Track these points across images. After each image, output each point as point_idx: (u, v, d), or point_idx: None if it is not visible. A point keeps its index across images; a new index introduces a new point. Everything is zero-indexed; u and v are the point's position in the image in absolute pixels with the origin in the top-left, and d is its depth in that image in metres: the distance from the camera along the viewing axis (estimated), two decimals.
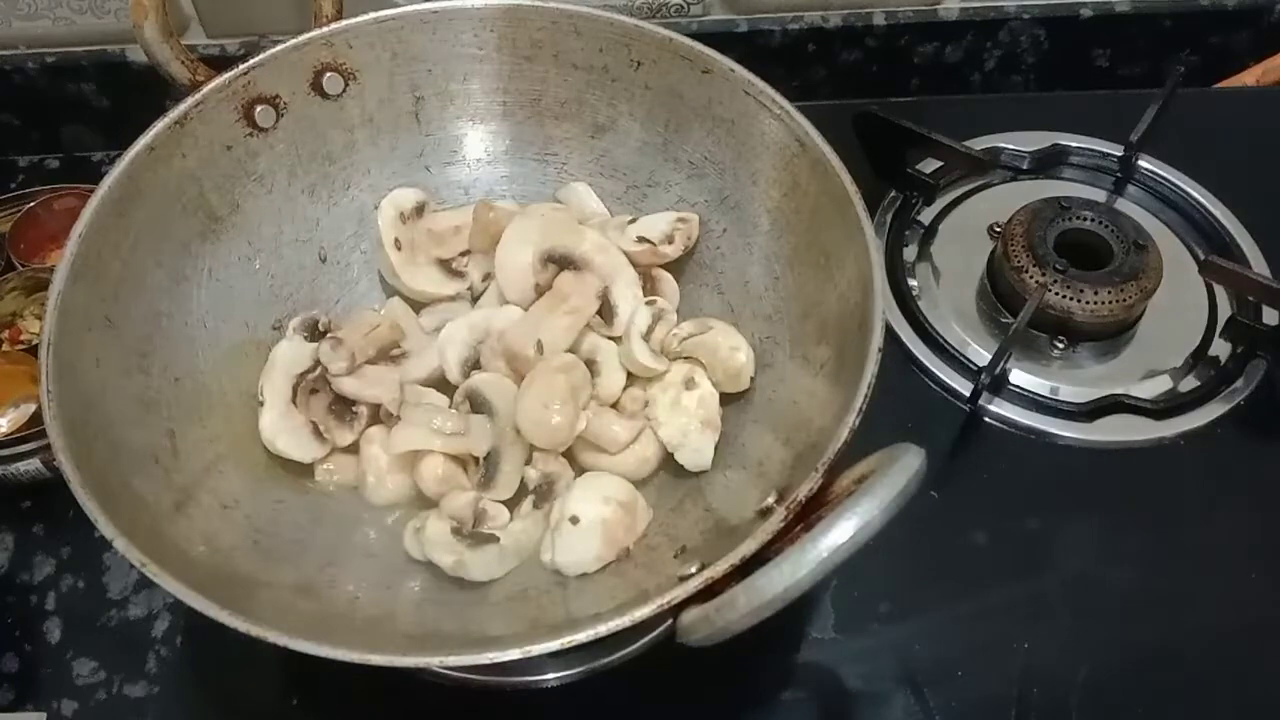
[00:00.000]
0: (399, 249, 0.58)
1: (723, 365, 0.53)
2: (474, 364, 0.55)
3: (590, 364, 0.54)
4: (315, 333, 0.55)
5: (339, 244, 0.59)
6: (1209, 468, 0.60)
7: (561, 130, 0.61)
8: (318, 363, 0.54)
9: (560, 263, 0.55)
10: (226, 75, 0.54)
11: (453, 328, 0.55)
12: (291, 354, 0.54)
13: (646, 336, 0.54)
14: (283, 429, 0.52)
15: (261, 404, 0.53)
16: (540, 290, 0.55)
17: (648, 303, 0.55)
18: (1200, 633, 0.54)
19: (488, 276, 0.58)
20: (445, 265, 0.59)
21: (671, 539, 0.49)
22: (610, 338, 0.55)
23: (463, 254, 0.59)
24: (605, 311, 0.55)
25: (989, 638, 0.54)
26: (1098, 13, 0.79)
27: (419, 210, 0.59)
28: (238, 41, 0.76)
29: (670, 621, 0.39)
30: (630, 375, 0.55)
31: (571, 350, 0.54)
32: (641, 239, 0.56)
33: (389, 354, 0.56)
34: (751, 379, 0.53)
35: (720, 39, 0.70)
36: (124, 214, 0.50)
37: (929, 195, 0.71)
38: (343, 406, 0.54)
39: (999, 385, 0.62)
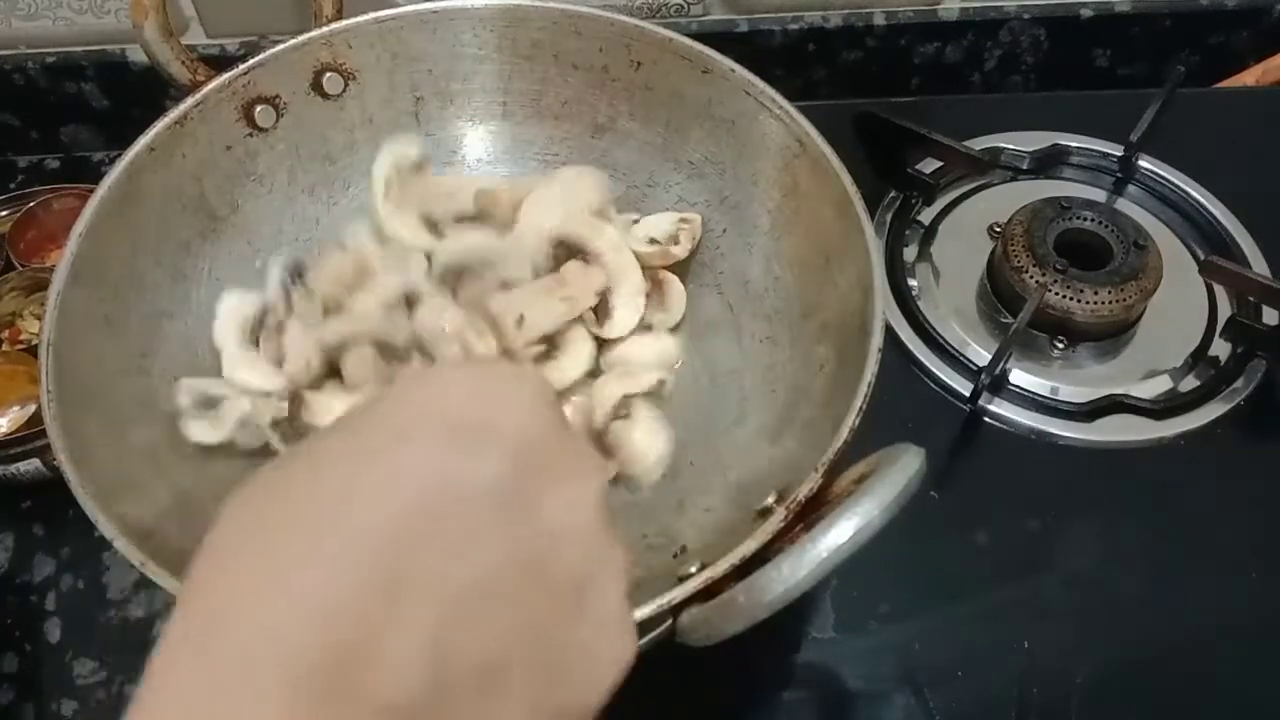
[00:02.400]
0: (388, 197, 0.57)
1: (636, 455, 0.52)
2: (456, 279, 0.55)
3: (553, 349, 0.54)
4: (296, 276, 0.54)
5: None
6: (1209, 468, 0.60)
7: (561, 130, 0.61)
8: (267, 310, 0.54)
9: (571, 250, 0.55)
10: (226, 75, 0.54)
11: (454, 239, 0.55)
12: (237, 305, 0.54)
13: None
14: (241, 362, 0.52)
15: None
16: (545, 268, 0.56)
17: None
18: (1200, 633, 0.54)
19: None
20: (429, 222, 0.58)
21: (671, 539, 0.49)
22: (599, 339, 0.55)
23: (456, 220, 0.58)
24: (601, 310, 0.55)
25: (989, 638, 0.54)
26: (1098, 13, 0.79)
27: (419, 166, 0.58)
28: (238, 41, 0.76)
29: (670, 621, 0.39)
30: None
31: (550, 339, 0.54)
32: (653, 240, 0.56)
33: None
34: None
35: (720, 39, 0.70)
36: (124, 214, 0.50)
37: (929, 195, 0.71)
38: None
39: (999, 385, 0.62)
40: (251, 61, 0.55)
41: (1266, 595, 0.55)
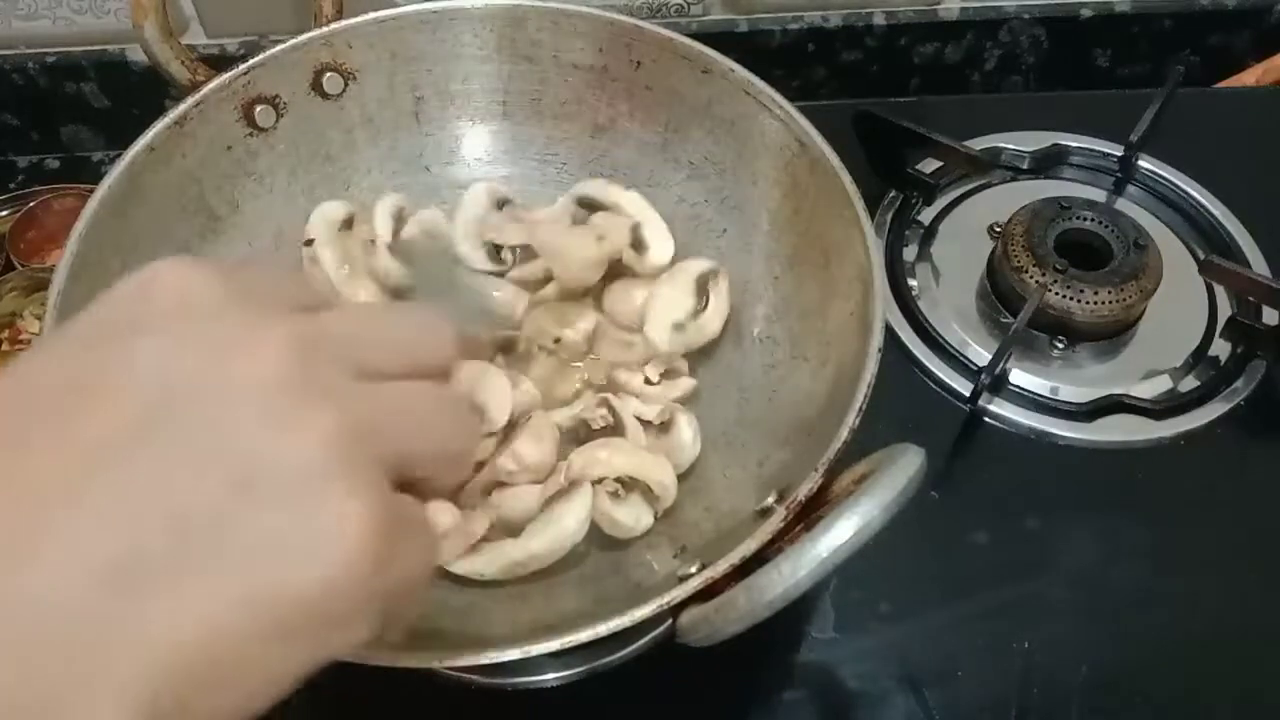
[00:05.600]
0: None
1: None
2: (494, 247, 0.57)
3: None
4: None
5: None
6: (1209, 468, 0.60)
7: (561, 130, 0.61)
8: None
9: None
10: (226, 75, 0.54)
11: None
12: None
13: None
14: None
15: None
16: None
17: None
18: (1200, 633, 0.54)
19: None
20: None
21: (671, 539, 0.49)
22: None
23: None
24: (637, 246, 0.56)
25: (989, 638, 0.54)
26: (1098, 13, 0.79)
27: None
28: (238, 41, 0.76)
29: (670, 621, 0.39)
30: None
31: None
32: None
33: None
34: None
35: (720, 39, 0.70)
36: (124, 214, 0.50)
37: (929, 195, 0.71)
38: None
39: (999, 385, 0.62)
40: (251, 61, 0.55)
41: (1266, 595, 0.55)
